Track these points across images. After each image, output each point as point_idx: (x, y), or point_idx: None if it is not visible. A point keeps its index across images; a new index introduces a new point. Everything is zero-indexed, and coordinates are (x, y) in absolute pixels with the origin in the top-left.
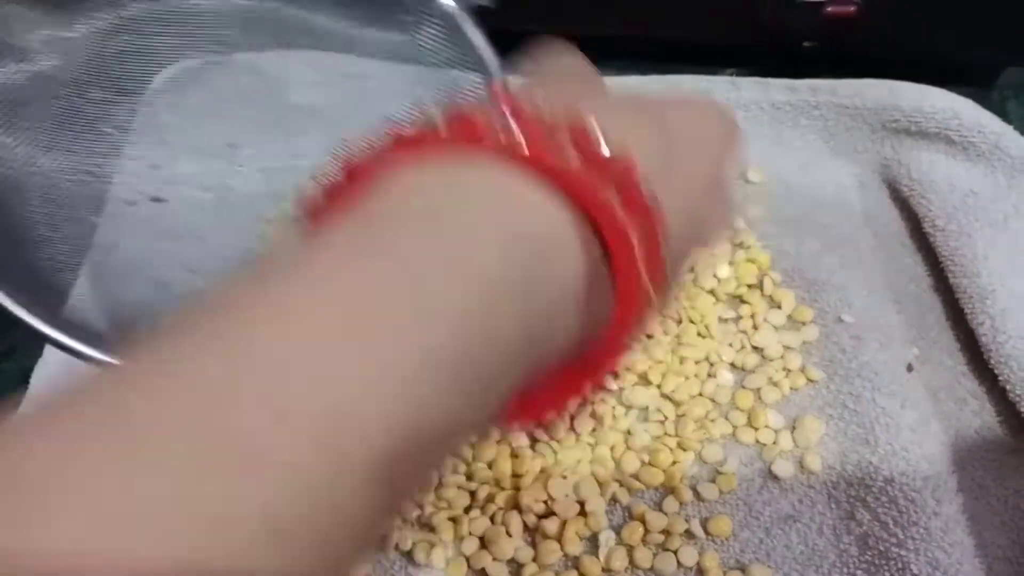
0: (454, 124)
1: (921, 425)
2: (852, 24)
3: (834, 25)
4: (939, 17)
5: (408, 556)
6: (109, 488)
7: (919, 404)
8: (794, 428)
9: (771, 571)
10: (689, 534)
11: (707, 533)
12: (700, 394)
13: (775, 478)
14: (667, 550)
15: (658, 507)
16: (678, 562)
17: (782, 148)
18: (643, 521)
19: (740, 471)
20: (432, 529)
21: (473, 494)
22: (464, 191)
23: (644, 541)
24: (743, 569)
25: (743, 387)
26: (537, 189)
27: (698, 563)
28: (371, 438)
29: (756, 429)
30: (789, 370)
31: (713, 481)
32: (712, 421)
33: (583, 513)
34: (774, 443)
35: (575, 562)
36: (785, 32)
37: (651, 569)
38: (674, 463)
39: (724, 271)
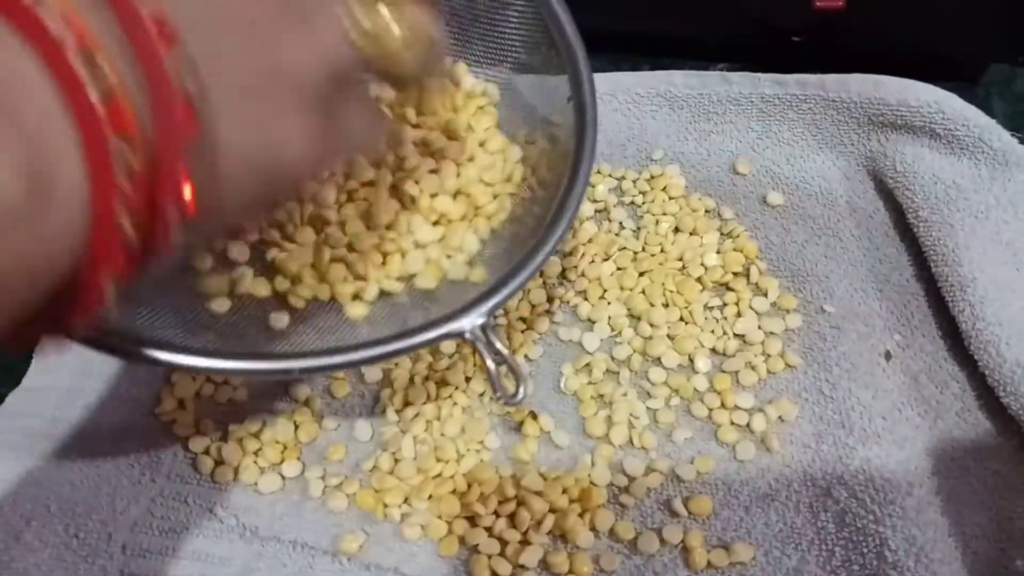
0: None
1: (893, 413)
2: (840, 19)
3: (823, 20)
4: (926, 13)
5: (399, 530)
6: None
7: (892, 393)
8: (768, 410)
9: (752, 548)
10: (673, 512)
11: (689, 512)
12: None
13: (751, 458)
14: (650, 529)
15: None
16: (662, 540)
17: (770, 140)
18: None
19: (716, 452)
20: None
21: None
22: None
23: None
24: (726, 547)
25: (722, 370)
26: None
27: (683, 541)
28: None
29: (730, 410)
30: (768, 355)
31: (691, 462)
32: (689, 403)
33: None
34: (747, 425)
35: (562, 538)
36: (775, 27)
37: (636, 549)
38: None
39: (712, 259)
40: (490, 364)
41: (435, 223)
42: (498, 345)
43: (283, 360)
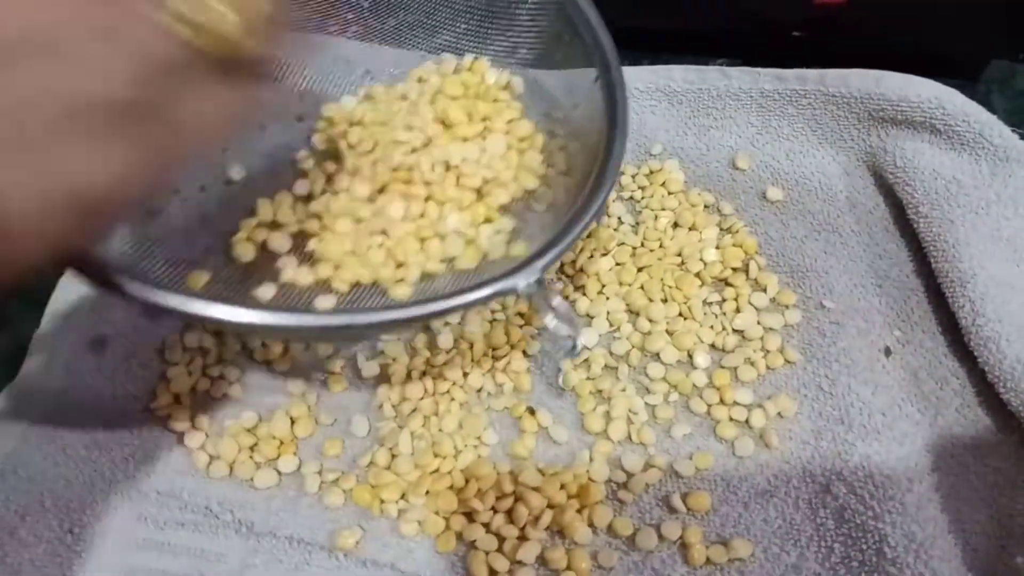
0: None
1: (893, 409)
2: (841, 14)
3: (823, 15)
4: (926, 9)
5: (397, 526)
6: None
7: (892, 389)
8: (767, 406)
9: (751, 544)
10: (671, 509)
11: (687, 508)
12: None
13: (750, 454)
14: (649, 525)
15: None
16: (660, 536)
17: (770, 136)
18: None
19: (715, 448)
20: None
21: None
22: None
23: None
24: (725, 543)
25: (721, 366)
26: None
27: (681, 537)
28: None
29: (729, 406)
30: (767, 351)
31: (690, 458)
32: (688, 399)
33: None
34: (746, 420)
35: (560, 534)
36: (775, 22)
37: (634, 545)
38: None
39: (711, 255)
40: (548, 321)
41: (466, 207)
42: (555, 300)
43: (343, 315)
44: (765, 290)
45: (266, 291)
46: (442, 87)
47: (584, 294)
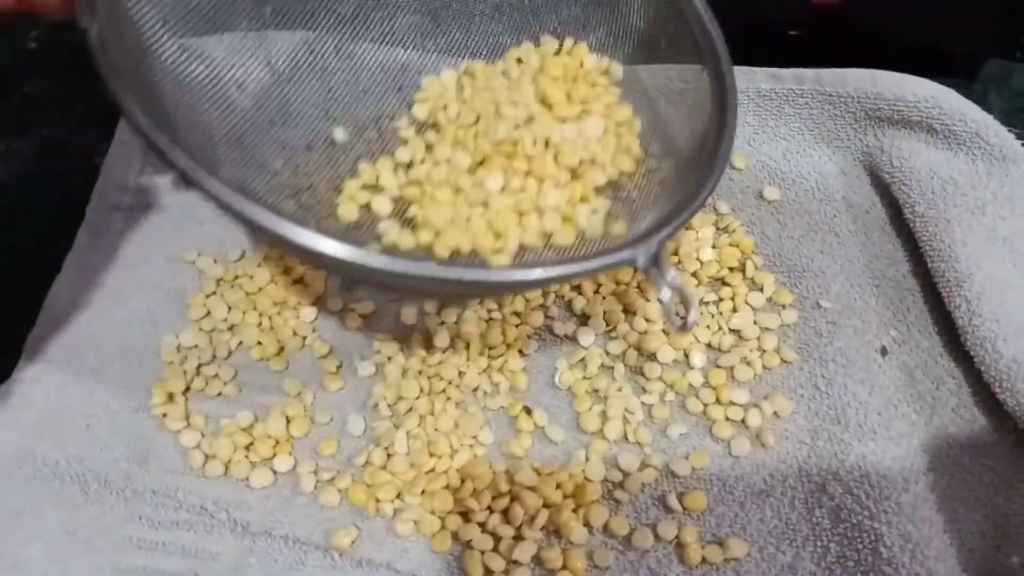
0: None
1: (889, 409)
2: (838, 14)
3: (820, 15)
4: (923, 8)
5: (393, 525)
6: None
7: (888, 389)
8: (763, 406)
9: (747, 544)
10: (667, 508)
11: (683, 508)
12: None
13: (746, 454)
14: (645, 525)
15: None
16: (656, 536)
17: (767, 135)
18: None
19: (711, 447)
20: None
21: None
22: None
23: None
24: (720, 543)
25: (717, 366)
26: None
27: (677, 537)
28: None
29: (725, 406)
30: (764, 350)
31: (686, 458)
32: (684, 399)
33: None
34: (742, 420)
35: (555, 534)
36: (771, 21)
37: (630, 544)
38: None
39: (707, 254)
40: (663, 295)
41: (563, 186)
42: (671, 274)
43: (471, 270)
44: (762, 290)
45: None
46: (543, 67)
47: (580, 293)
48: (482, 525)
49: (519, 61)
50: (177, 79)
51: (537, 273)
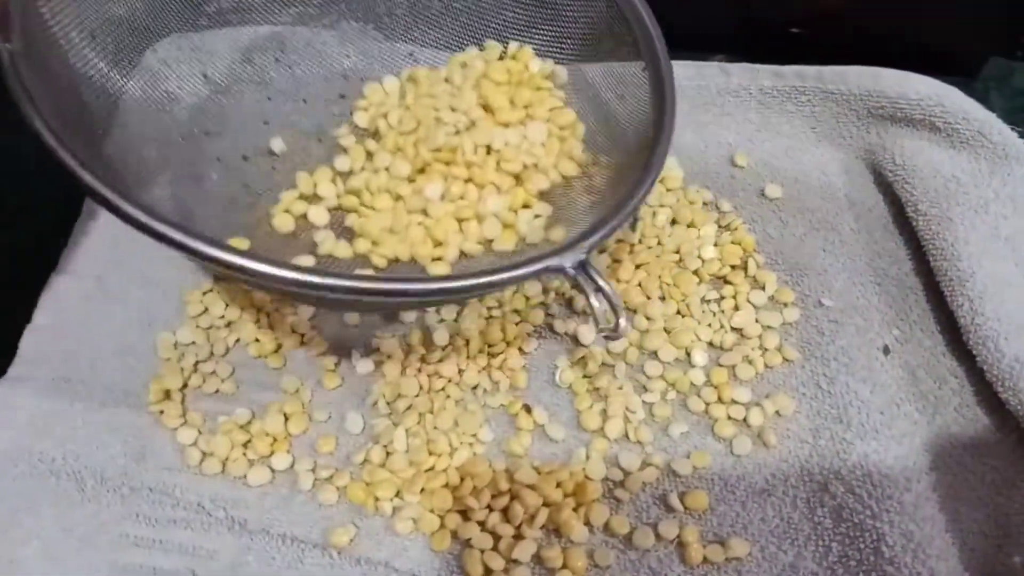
0: None
1: (891, 408)
2: (840, 11)
3: (822, 12)
4: (925, 6)
5: (392, 524)
6: None
7: (890, 388)
8: (765, 404)
9: (748, 544)
10: (668, 507)
11: (685, 507)
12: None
13: (748, 453)
14: (646, 524)
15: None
16: (657, 535)
17: (769, 133)
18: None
19: (713, 446)
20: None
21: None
22: None
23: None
24: (722, 542)
25: (719, 364)
26: None
27: (678, 536)
28: None
29: (727, 404)
30: (766, 349)
31: (687, 457)
32: (686, 397)
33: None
34: (744, 419)
35: (556, 532)
36: (774, 18)
37: (631, 544)
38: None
39: (709, 252)
40: (593, 301)
41: (505, 192)
42: (599, 280)
43: (394, 282)
44: (763, 288)
45: (304, 262)
46: (486, 72)
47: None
48: (482, 524)
49: (463, 66)
50: (106, 93)
51: (459, 283)
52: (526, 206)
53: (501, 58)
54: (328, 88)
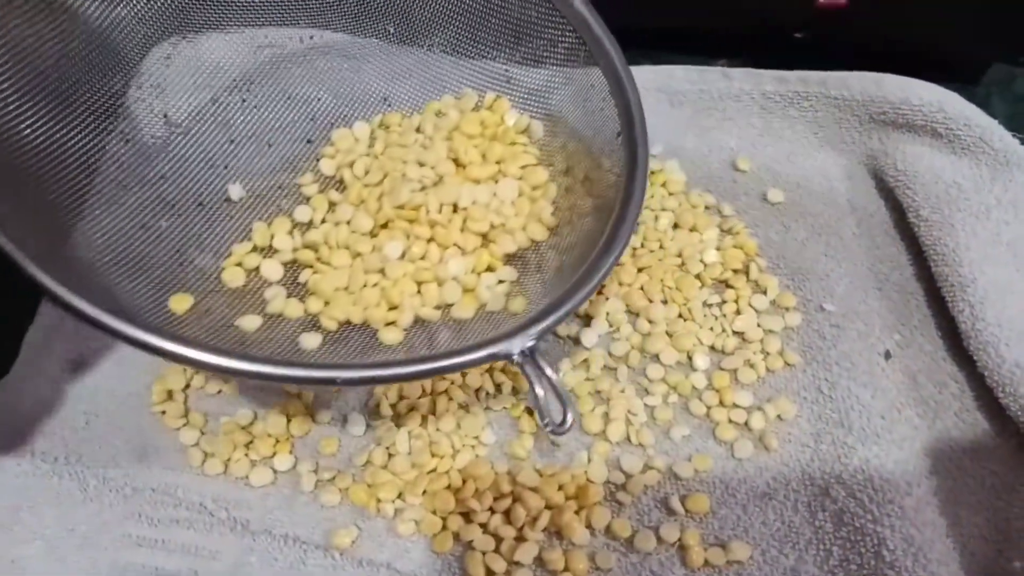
0: None
1: (892, 413)
2: (843, 17)
3: (825, 17)
4: (928, 12)
5: (394, 526)
6: None
7: (891, 392)
8: (767, 408)
9: (750, 547)
10: (670, 510)
11: (686, 510)
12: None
13: (749, 456)
14: (647, 527)
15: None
16: (658, 538)
17: (771, 138)
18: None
19: (714, 450)
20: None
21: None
22: None
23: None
24: (723, 545)
25: (721, 368)
26: None
27: (679, 539)
28: None
29: (728, 408)
30: (767, 353)
31: (689, 460)
32: (687, 401)
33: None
34: (745, 423)
35: (557, 535)
36: (777, 23)
37: (632, 546)
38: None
39: (711, 256)
40: (538, 390)
41: (469, 252)
42: (547, 371)
43: (327, 369)
44: (765, 292)
45: (251, 322)
46: (459, 124)
47: None
48: (484, 526)
49: (438, 114)
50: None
51: (393, 371)
52: (490, 269)
53: (477, 108)
54: (294, 131)
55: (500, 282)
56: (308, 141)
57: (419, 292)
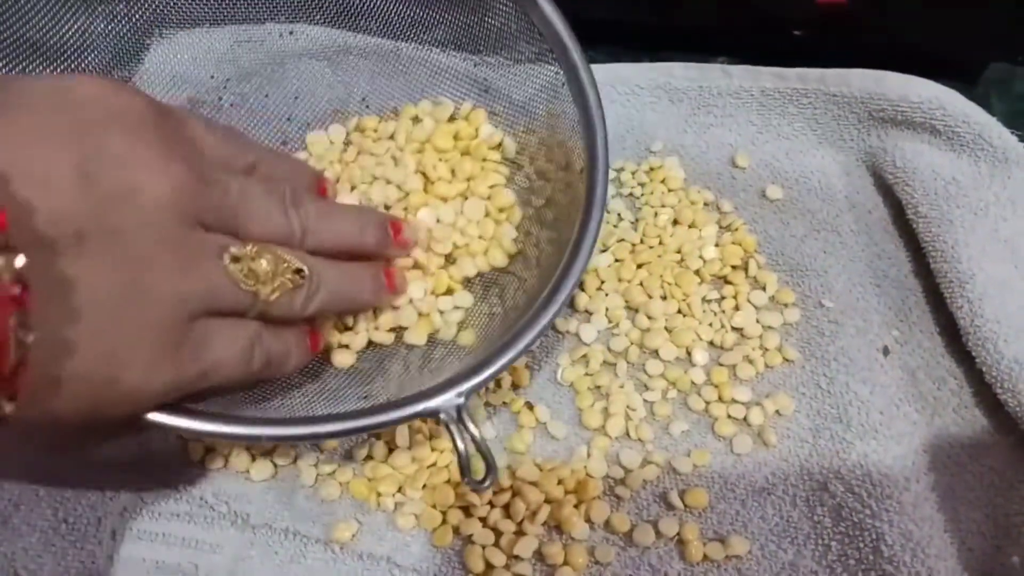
0: None
1: (891, 409)
2: (843, 14)
3: (825, 15)
4: (927, 11)
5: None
6: None
7: (890, 388)
8: (765, 404)
9: (748, 542)
10: (669, 505)
11: (685, 505)
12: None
13: (748, 452)
14: (646, 521)
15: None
16: (657, 532)
17: (770, 135)
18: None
19: (713, 445)
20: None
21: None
22: None
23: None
24: (722, 540)
25: (719, 364)
26: None
27: (678, 534)
28: None
29: (727, 403)
30: (766, 349)
31: (688, 455)
32: (686, 396)
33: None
34: (744, 418)
35: (557, 529)
36: (776, 20)
37: (631, 541)
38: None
39: (710, 252)
40: (460, 446)
41: (431, 274)
42: (472, 429)
43: (250, 425)
44: (764, 288)
45: None
46: (432, 136)
47: (583, 290)
48: (483, 520)
49: (415, 120)
50: None
51: (324, 428)
52: (449, 292)
53: (453, 118)
54: (269, 133)
55: (456, 308)
56: (283, 143)
57: (374, 315)
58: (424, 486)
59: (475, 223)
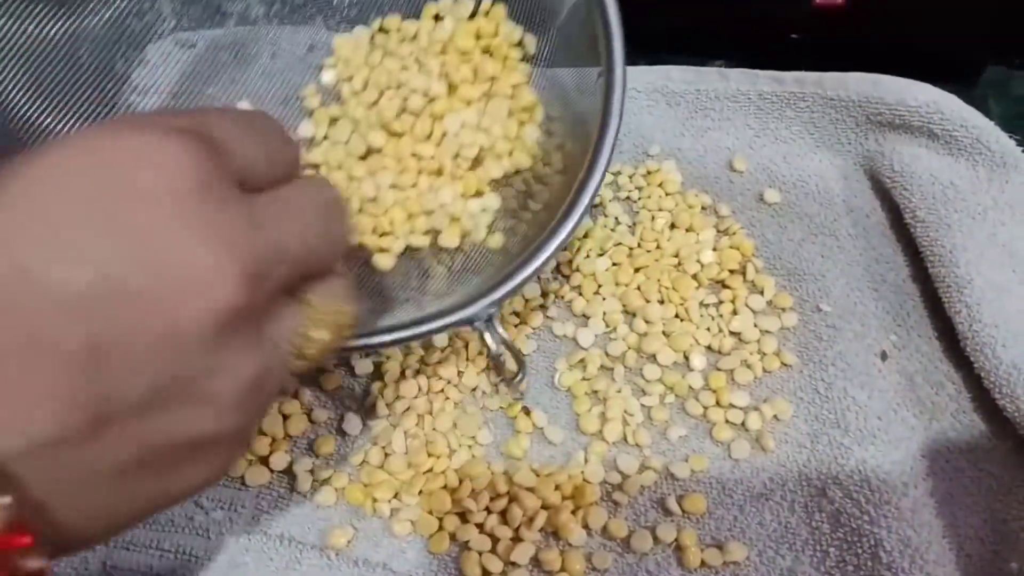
0: None
1: (889, 414)
2: (840, 17)
3: (822, 18)
4: (925, 14)
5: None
6: None
7: (888, 393)
8: (763, 409)
9: (746, 548)
10: (666, 511)
11: (683, 511)
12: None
13: (746, 457)
14: (644, 527)
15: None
16: (655, 538)
17: (768, 138)
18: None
19: (711, 450)
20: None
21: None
22: None
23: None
24: (720, 546)
25: (717, 368)
26: None
27: (676, 540)
28: None
29: (725, 408)
30: (764, 353)
31: (685, 460)
32: (684, 401)
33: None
34: (742, 423)
35: (554, 535)
36: (773, 24)
37: (629, 547)
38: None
39: (708, 256)
40: (493, 348)
41: (458, 177)
42: (502, 332)
43: None
44: (762, 293)
45: None
46: (454, 36)
47: (580, 294)
48: (480, 526)
49: (436, 18)
50: None
51: (364, 341)
52: (478, 193)
53: (473, 15)
54: (297, 39)
55: (484, 210)
56: (309, 49)
57: (408, 220)
58: (420, 492)
59: (499, 123)
